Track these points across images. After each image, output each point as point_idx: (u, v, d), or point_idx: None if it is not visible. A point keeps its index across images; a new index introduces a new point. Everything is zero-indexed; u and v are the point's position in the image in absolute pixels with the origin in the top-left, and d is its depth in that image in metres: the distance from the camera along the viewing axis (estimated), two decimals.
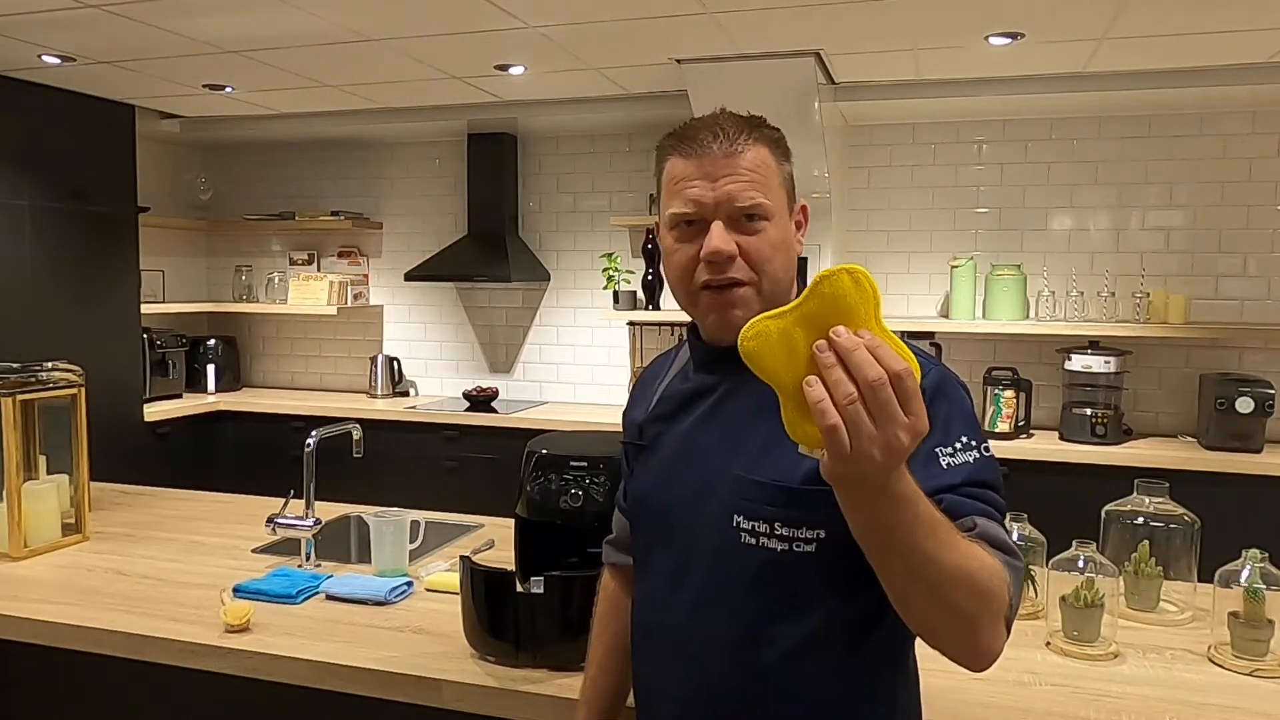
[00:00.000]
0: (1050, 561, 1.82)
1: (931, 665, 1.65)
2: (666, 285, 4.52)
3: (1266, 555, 1.73)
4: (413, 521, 2.18)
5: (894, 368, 0.84)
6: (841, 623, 1.14)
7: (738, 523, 1.15)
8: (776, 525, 1.13)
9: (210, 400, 4.89)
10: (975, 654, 1.01)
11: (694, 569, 1.20)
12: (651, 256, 4.54)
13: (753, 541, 1.14)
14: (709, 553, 1.18)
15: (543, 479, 1.75)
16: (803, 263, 3.92)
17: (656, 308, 4.55)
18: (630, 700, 1.39)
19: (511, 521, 1.81)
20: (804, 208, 1.25)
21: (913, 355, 0.90)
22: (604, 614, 1.49)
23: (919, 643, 1.14)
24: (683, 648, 1.21)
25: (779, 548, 1.13)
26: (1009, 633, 1.02)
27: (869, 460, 0.83)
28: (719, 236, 1.14)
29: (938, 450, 1.08)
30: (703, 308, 1.20)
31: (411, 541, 2.17)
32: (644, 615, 1.30)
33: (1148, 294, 3.96)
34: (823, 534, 1.11)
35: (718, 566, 1.17)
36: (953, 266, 4.11)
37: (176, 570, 2.17)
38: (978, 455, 1.10)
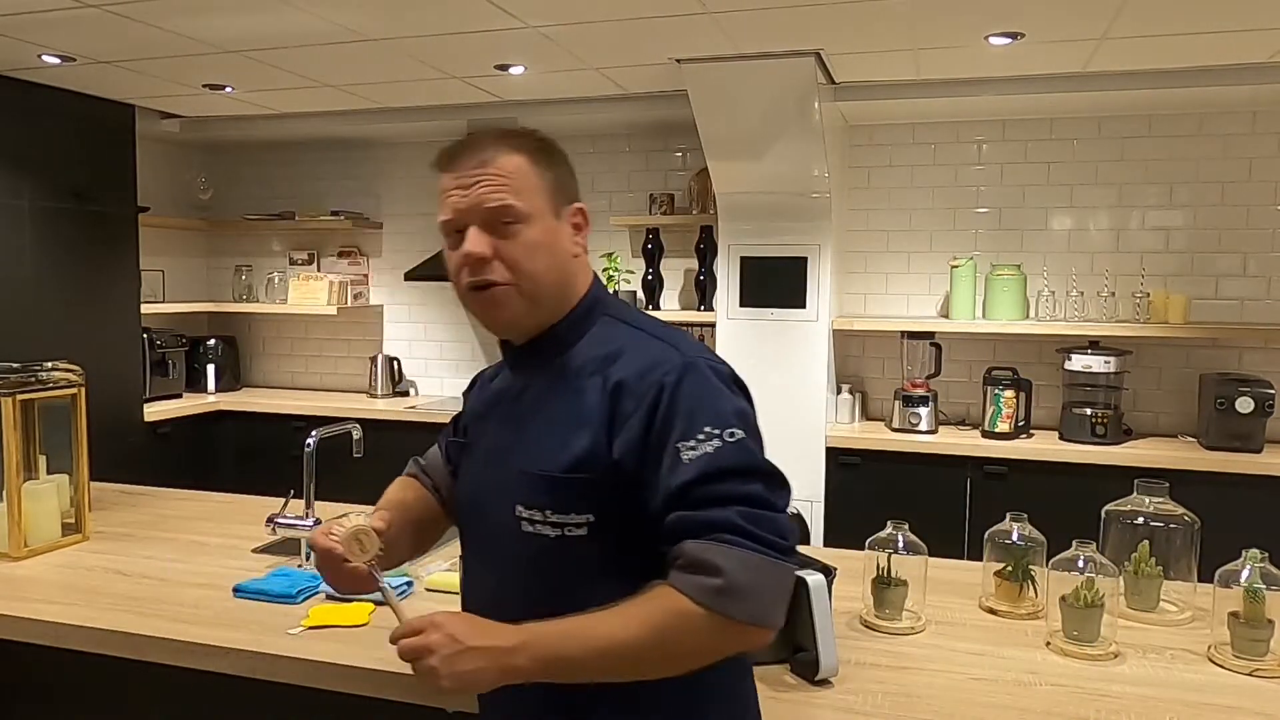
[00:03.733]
0: (1050, 561, 1.82)
1: (931, 665, 1.65)
2: (666, 286, 4.50)
3: (1266, 555, 1.73)
4: None
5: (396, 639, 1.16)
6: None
7: (518, 511, 1.24)
8: (548, 512, 1.22)
9: (210, 400, 4.89)
10: (714, 661, 1.16)
11: (493, 560, 1.30)
12: (652, 256, 4.54)
13: (531, 529, 1.23)
14: (502, 542, 1.27)
15: None
16: (803, 263, 3.92)
17: (657, 308, 4.55)
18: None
19: None
20: (580, 210, 1.32)
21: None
22: (406, 483, 1.56)
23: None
24: None
25: (552, 534, 1.22)
26: (765, 621, 1.12)
27: (433, 674, 1.13)
28: (472, 240, 1.24)
29: (679, 446, 1.15)
30: (473, 308, 1.30)
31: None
32: (467, 607, 1.37)
33: (1148, 294, 3.96)
34: (592, 518, 1.20)
35: (509, 556, 1.27)
36: (953, 266, 4.11)
37: (176, 570, 2.16)
38: (719, 443, 1.15)
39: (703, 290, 4.48)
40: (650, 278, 4.53)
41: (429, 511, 1.53)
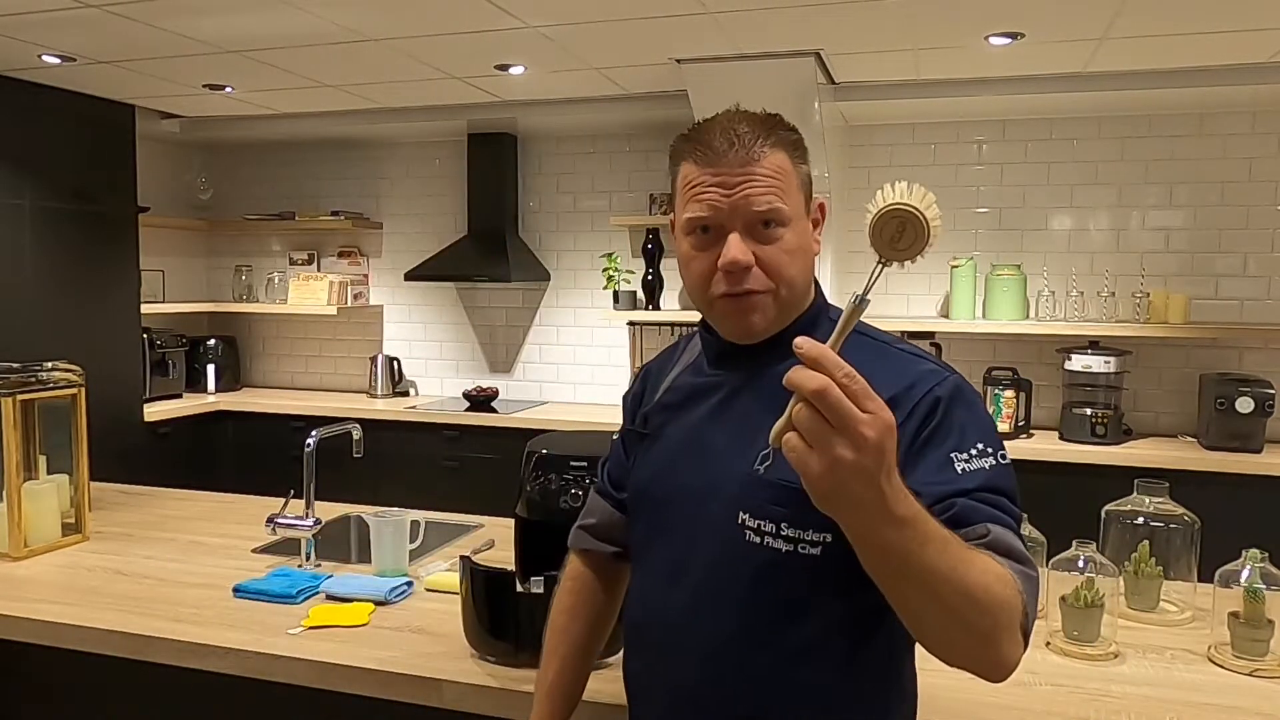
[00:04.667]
0: (1050, 561, 1.82)
1: (930, 665, 1.65)
2: (666, 285, 4.51)
3: (1266, 555, 1.73)
4: (413, 521, 2.18)
5: (835, 373, 0.83)
6: (840, 628, 1.13)
7: (743, 520, 1.13)
8: (783, 525, 1.11)
9: (210, 400, 4.89)
10: (993, 666, 0.99)
11: (694, 565, 1.18)
12: (652, 256, 4.54)
13: (757, 540, 1.13)
14: (711, 550, 1.17)
15: (543, 479, 1.75)
16: None
17: (656, 308, 4.55)
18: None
19: (511, 521, 1.81)
20: (821, 205, 1.24)
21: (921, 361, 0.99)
22: (573, 606, 1.43)
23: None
24: (677, 645, 1.19)
25: (784, 548, 1.12)
26: (1027, 643, 1.01)
27: (842, 464, 0.83)
28: (736, 247, 1.13)
29: (953, 455, 1.08)
30: (718, 313, 1.20)
31: (411, 541, 2.17)
32: (639, 609, 1.28)
33: (1148, 294, 3.96)
34: (829, 537, 1.09)
35: (719, 564, 1.16)
36: (953, 266, 4.11)
37: (176, 570, 2.16)
38: (994, 462, 1.09)
39: None
40: (650, 278, 4.53)
41: (606, 611, 1.44)
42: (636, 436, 1.34)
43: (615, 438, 1.46)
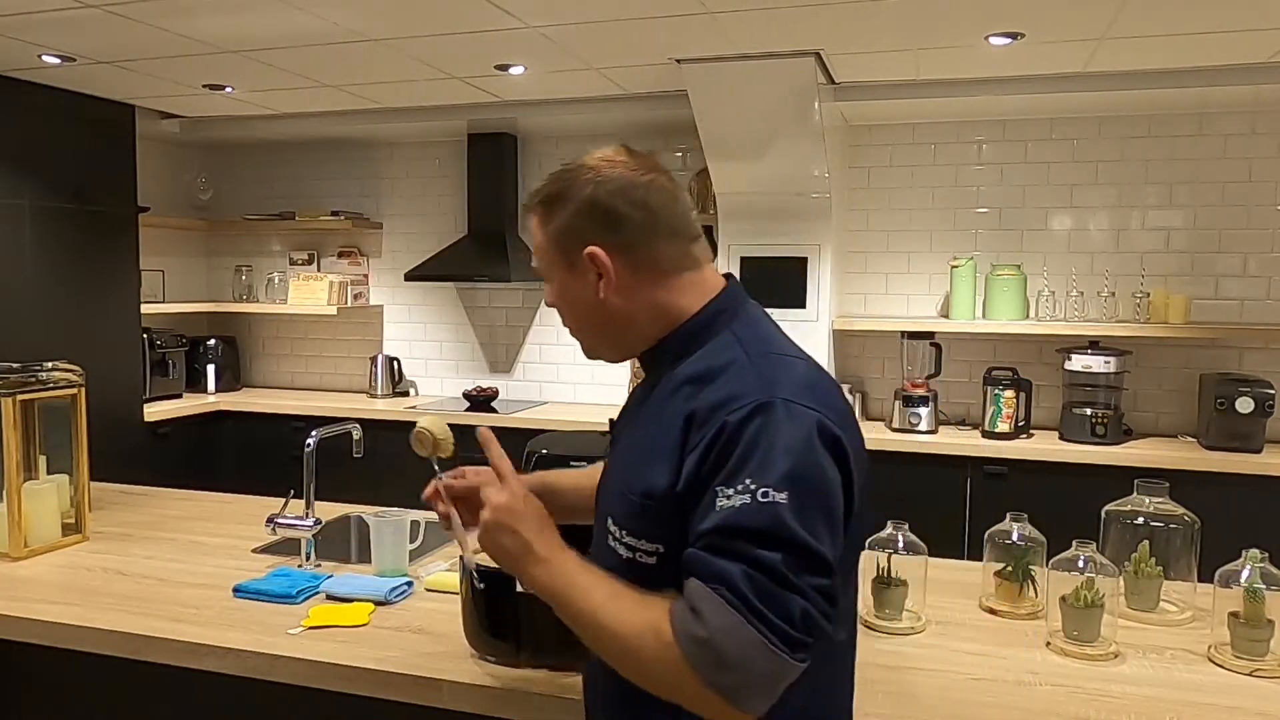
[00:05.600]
0: (1050, 561, 1.82)
1: (931, 665, 1.65)
2: None
3: (1266, 555, 1.73)
4: (413, 521, 2.18)
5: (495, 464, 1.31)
6: None
7: (609, 524, 1.24)
8: (624, 533, 1.20)
9: (210, 400, 4.89)
10: (696, 707, 1.08)
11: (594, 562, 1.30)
12: None
13: (613, 544, 1.22)
14: (598, 549, 1.27)
15: None
16: (803, 263, 3.93)
17: None
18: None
19: None
20: (590, 254, 1.23)
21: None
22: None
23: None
24: None
25: (624, 554, 1.20)
26: (736, 703, 1.03)
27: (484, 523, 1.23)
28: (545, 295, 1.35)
29: (719, 490, 1.08)
30: None
31: (411, 541, 2.16)
32: None
33: (1148, 294, 3.96)
34: (661, 549, 1.16)
35: (597, 561, 1.25)
36: (953, 266, 4.11)
37: (176, 570, 2.16)
38: (748, 500, 1.05)
39: None
40: None
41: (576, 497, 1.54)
42: (610, 446, 1.45)
43: None
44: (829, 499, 1.08)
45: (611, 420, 1.46)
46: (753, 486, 1.05)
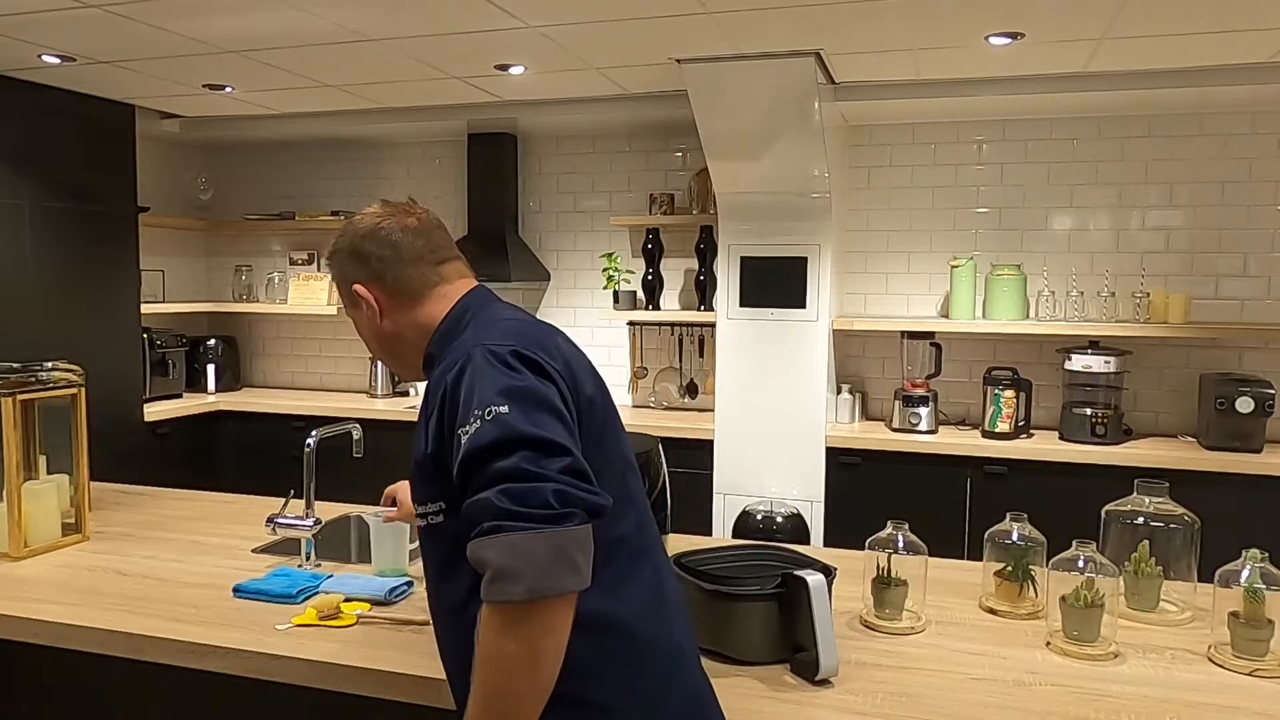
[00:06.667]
0: (1050, 561, 1.82)
1: (931, 665, 1.65)
2: (666, 286, 4.52)
3: (1266, 555, 1.73)
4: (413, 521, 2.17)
5: None
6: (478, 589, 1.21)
7: (416, 505, 1.35)
8: (418, 506, 1.34)
9: (210, 400, 4.89)
10: (544, 631, 1.15)
11: None
12: (652, 256, 4.54)
13: (420, 521, 1.35)
14: (421, 537, 1.39)
15: None
16: (803, 263, 3.93)
17: (656, 308, 4.55)
18: None
19: None
20: (356, 291, 1.47)
21: None
22: None
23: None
24: None
25: (423, 523, 1.33)
26: (547, 592, 1.11)
27: None
28: None
29: (459, 432, 1.22)
30: None
31: (411, 541, 2.16)
32: None
33: (1148, 294, 3.96)
34: (443, 505, 1.29)
35: (423, 549, 1.39)
36: (953, 266, 4.11)
37: (176, 570, 2.16)
38: (478, 424, 1.20)
39: (703, 290, 4.48)
40: (650, 278, 4.53)
41: None
42: None
43: None
44: (547, 400, 1.23)
45: None
46: (479, 413, 1.21)
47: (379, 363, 4.96)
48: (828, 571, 1.65)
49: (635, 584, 1.31)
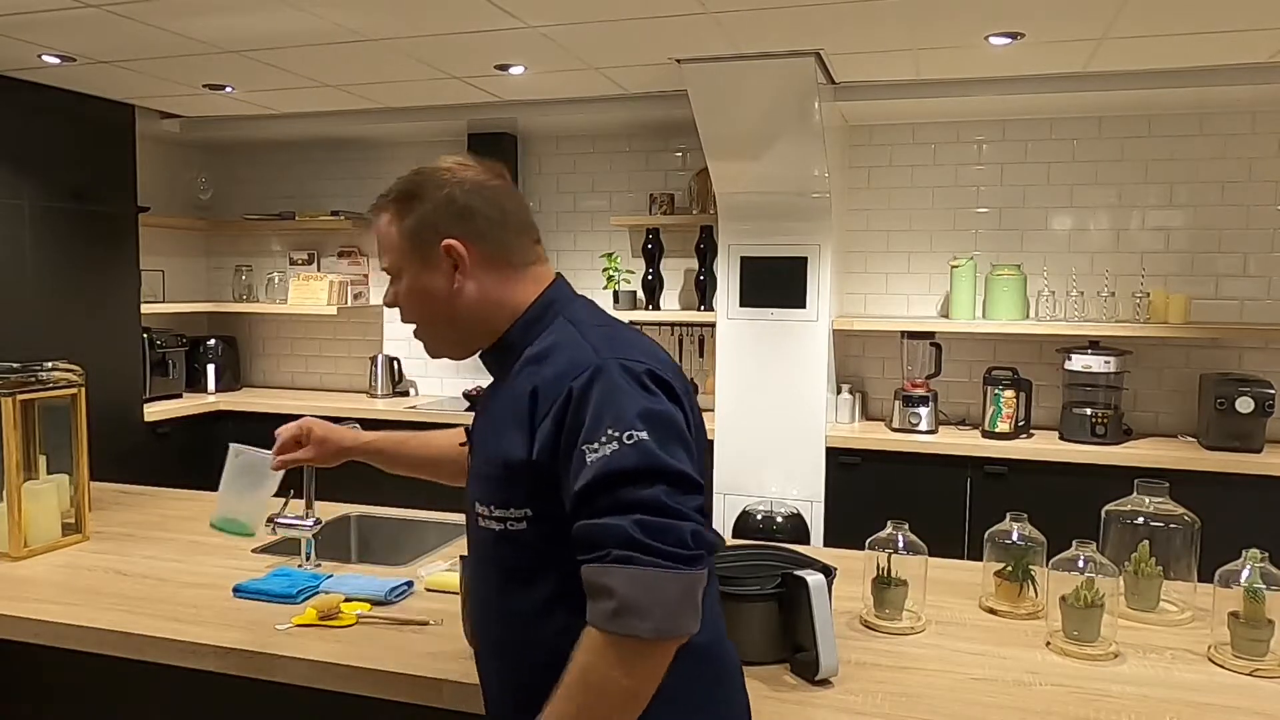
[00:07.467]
0: (1050, 561, 1.82)
1: (931, 665, 1.65)
2: (666, 285, 4.52)
3: (1266, 555, 1.73)
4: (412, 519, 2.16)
5: None
6: (564, 595, 1.21)
7: (476, 507, 1.31)
8: (492, 508, 1.27)
9: (210, 400, 4.89)
10: (659, 665, 1.15)
11: (472, 552, 1.39)
12: (652, 256, 4.54)
13: (485, 524, 1.29)
14: (473, 537, 1.35)
15: None
16: (803, 263, 3.93)
17: (657, 308, 4.55)
18: None
19: None
20: (448, 246, 1.33)
21: None
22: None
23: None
24: (475, 618, 1.42)
25: (497, 527, 1.27)
26: (670, 634, 1.11)
27: None
28: (385, 293, 1.43)
29: (585, 449, 1.17)
30: None
31: (279, 494, 2.01)
32: (465, 599, 1.52)
33: (1148, 294, 3.96)
34: (529, 512, 1.24)
35: (472, 544, 1.36)
36: (953, 266, 4.11)
37: (176, 570, 2.16)
38: (617, 446, 1.15)
39: (703, 290, 4.48)
40: (650, 278, 4.53)
41: (426, 454, 1.83)
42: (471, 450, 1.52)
43: None
44: (680, 430, 1.21)
45: (466, 428, 1.63)
46: (615, 434, 1.15)
47: (379, 363, 4.96)
48: (828, 571, 1.65)
49: (709, 603, 1.30)
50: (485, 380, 1.47)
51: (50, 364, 2.40)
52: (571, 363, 1.23)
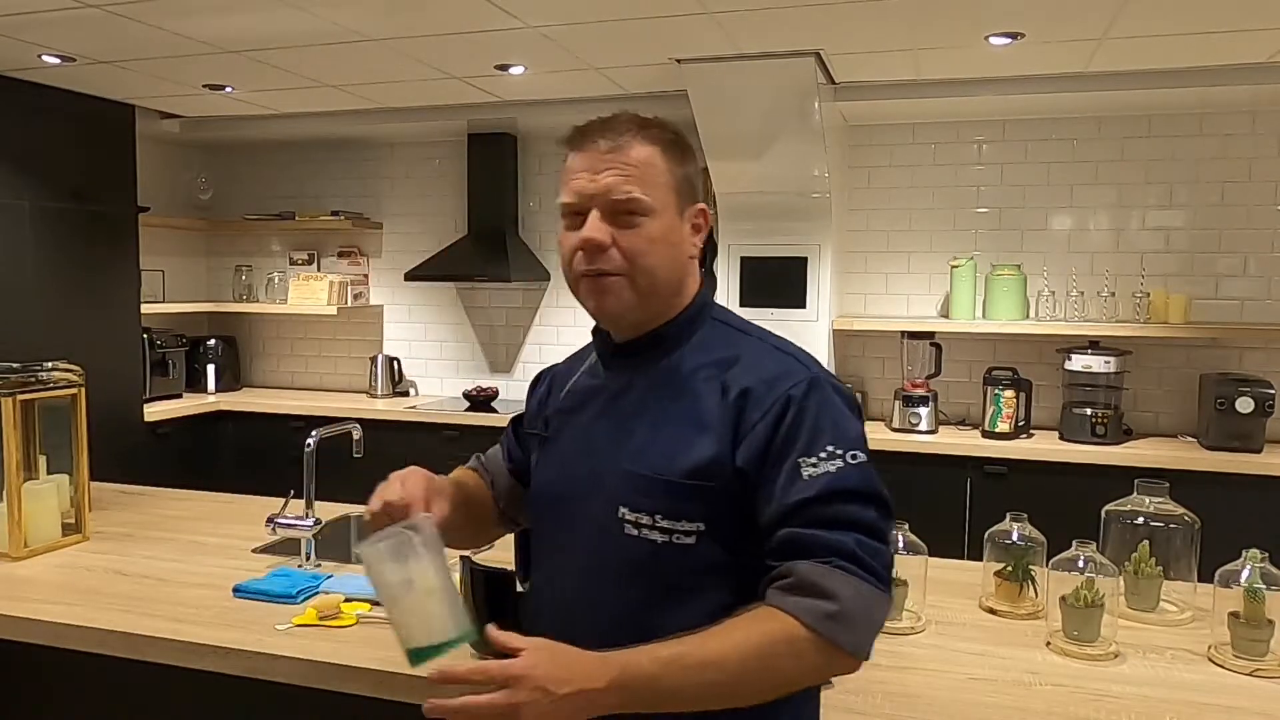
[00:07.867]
0: (1050, 561, 1.82)
1: (931, 665, 1.65)
2: None
3: (1266, 555, 1.73)
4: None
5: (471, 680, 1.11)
6: (726, 610, 1.16)
7: (623, 514, 1.21)
8: (657, 517, 1.19)
9: (210, 400, 4.89)
10: (828, 676, 1.19)
11: (583, 558, 1.26)
12: None
13: (635, 533, 1.20)
14: (596, 542, 1.24)
15: None
16: (803, 263, 3.93)
17: None
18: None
19: None
20: (703, 211, 1.31)
21: None
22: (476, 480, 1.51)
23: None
24: (566, 630, 1.18)
25: (659, 539, 1.19)
26: (861, 652, 1.13)
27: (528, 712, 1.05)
28: (592, 226, 1.22)
29: (800, 461, 1.15)
30: (582, 293, 1.29)
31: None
32: (537, 598, 1.35)
33: (1148, 294, 3.96)
34: (702, 527, 1.18)
35: (603, 555, 1.23)
36: (953, 266, 4.11)
37: (176, 570, 2.16)
38: (842, 464, 1.15)
39: None
40: None
41: (482, 499, 1.50)
42: (539, 440, 1.42)
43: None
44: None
45: (517, 417, 1.51)
46: (839, 451, 1.16)
47: (379, 363, 4.96)
48: None
49: None
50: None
51: (50, 364, 2.40)
52: (784, 369, 1.21)
